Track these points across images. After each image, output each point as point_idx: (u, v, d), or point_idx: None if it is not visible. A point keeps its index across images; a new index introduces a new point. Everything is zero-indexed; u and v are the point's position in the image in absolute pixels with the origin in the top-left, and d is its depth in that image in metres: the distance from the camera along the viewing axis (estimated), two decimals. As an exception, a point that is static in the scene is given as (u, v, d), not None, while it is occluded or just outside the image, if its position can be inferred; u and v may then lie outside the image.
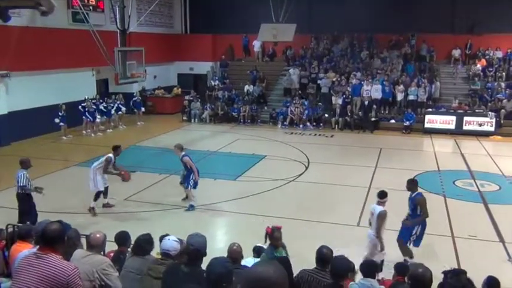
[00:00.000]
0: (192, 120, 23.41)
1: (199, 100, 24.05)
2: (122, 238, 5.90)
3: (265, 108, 23.80)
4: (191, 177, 10.56)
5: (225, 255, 5.02)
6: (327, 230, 9.62)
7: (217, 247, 7.33)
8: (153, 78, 25.42)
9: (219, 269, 3.51)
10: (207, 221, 10.34)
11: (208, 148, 17.26)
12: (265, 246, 6.19)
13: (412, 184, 8.23)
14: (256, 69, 25.74)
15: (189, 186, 10.61)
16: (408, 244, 8.01)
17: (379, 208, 7.59)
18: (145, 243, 5.11)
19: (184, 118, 23.75)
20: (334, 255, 4.81)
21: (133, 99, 22.66)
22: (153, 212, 10.69)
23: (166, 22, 28.28)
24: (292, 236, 6.29)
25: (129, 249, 5.54)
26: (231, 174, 13.85)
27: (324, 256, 4.73)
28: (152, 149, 17.35)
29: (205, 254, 4.21)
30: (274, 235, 5.70)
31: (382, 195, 7.65)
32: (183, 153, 10.68)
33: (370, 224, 7.88)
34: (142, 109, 23.07)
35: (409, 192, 8.17)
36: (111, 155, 10.37)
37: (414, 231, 7.94)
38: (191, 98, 24.20)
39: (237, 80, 26.01)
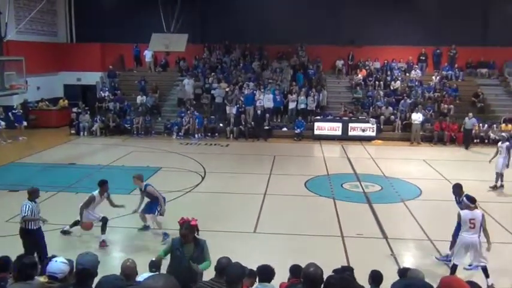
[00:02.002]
0: (81, 133, 22.25)
1: (88, 112, 22.93)
2: (3, 263, 5.40)
3: (159, 119, 23.41)
4: (158, 204, 9.81)
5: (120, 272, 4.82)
6: (225, 238, 9.66)
7: (112, 265, 7.03)
8: (36, 90, 23.78)
9: (109, 287, 3.36)
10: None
11: (100, 162, 16.50)
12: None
13: (458, 188, 8.72)
14: (144, 79, 25.23)
15: (157, 213, 9.81)
16: None
17: (479, 212, 7.82)
18: (28, 268, 4.72)
19: (73, 131, 22.52)
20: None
21: (14, 112, 20.97)
22: (39, 233, 9.92)
23: (49, 30, 26.64)
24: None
25: (11, 275, 5.08)
26: (124, 189, 13.27)
27: (221, 266, 4.73)
28: (37, 165, 16.14)
29: (96, 274, 4.00)
30: (181, 231, 5.69)
31: (474, 200, 7.92)
32: (145, 183, 9.94)
33: (467, 229, 7.74)
34: (24, 123, 21.44)
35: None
36: (95, 192, 9.30)
37: None
38: (79, 110, 22.99)
39: (129, 90, 25.29)
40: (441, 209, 11.96)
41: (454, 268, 7.77)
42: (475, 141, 20.73)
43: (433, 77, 24.93)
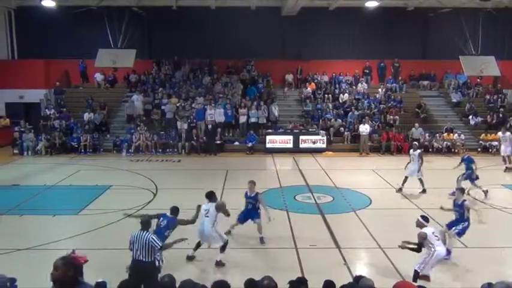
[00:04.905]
0: (25, 153, 21.38)
1: (32, 131, 22.07)
2: None
3: (108, 136, 22.85)
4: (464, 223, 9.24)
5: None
6: (178, 255, 9.46)
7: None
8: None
9: None
10: (45, 262, 9.39)
11: (45, 182, 15.86)
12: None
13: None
14: (91, 98, 24.61)
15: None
16: None
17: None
18: None
19: (16, 151, 21.60)
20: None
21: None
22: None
23: (-12, 46, 25.57)
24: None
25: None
26: (72, 209, 12.86)
27: (165, 286, 4.51)
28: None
29: None
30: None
31: (428, 219, 8.10)
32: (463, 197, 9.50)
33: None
34: (-37, 144, 20.40)
35: None
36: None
37: None
38: (23, 129, 22.11)
39: (75, 107, 24.59)
40: (390, 217, 12.33)
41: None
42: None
43: (379, 90, 25.78)
